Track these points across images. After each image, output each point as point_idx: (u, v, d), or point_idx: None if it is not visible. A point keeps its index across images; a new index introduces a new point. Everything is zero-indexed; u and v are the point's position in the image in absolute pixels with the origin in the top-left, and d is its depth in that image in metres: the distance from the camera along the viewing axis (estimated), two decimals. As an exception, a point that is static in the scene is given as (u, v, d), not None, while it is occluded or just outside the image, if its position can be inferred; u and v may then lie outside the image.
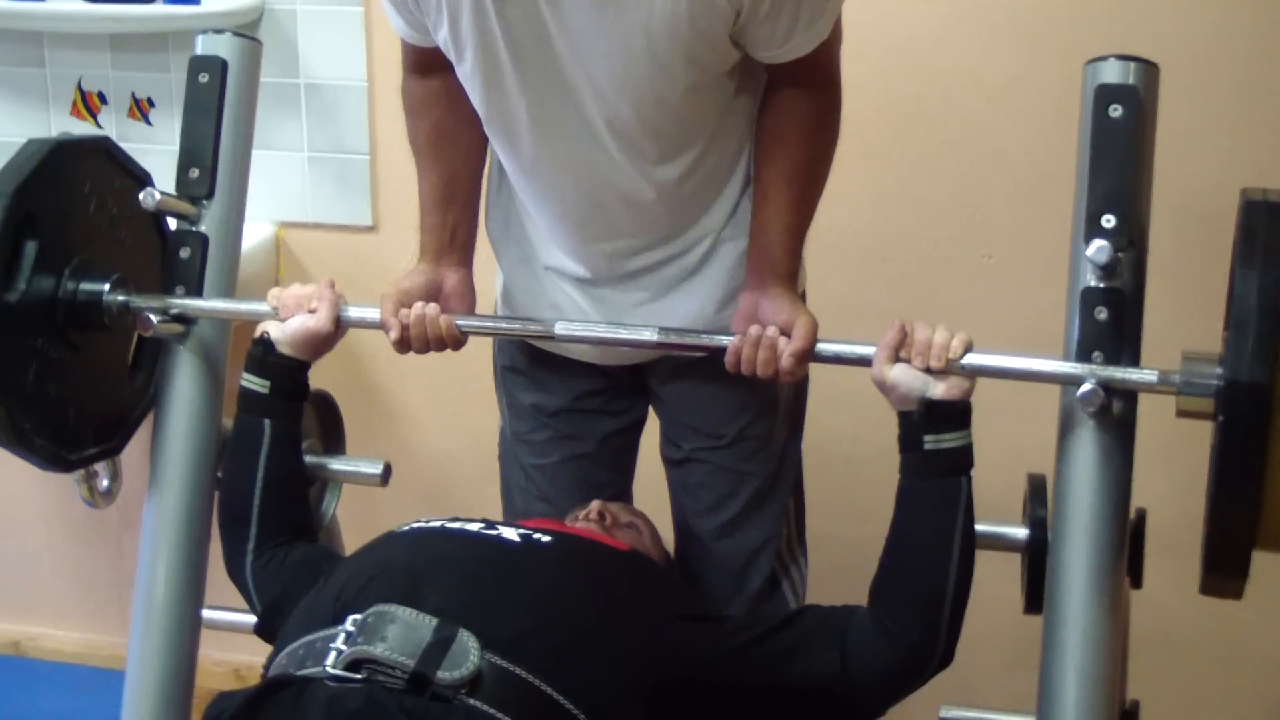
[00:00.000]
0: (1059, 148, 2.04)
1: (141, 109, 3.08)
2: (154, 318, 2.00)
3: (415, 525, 1.88)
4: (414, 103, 2.09)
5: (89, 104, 3.10)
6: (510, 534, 1.83)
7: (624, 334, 1.94)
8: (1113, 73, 1.78)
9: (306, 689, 1.52)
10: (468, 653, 1.54)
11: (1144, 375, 1.70)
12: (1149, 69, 1.79)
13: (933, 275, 2.81)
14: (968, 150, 2.73)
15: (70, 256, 1.98)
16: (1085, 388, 1.69)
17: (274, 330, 2.00)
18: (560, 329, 1.96)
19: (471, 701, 1.51)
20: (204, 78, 2.13)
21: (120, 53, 3.06)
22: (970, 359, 1.76)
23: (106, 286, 2.00)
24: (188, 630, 2.08)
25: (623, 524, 2.08)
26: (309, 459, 2.14)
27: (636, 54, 1.77)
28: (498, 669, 1.55)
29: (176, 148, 2.13)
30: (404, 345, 2.00)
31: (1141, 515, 1.82)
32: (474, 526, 1.85)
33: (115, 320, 2.01)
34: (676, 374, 2.16)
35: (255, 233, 2.99)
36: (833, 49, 1.90)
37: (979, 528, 1.82)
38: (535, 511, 2.24)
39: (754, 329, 1.87)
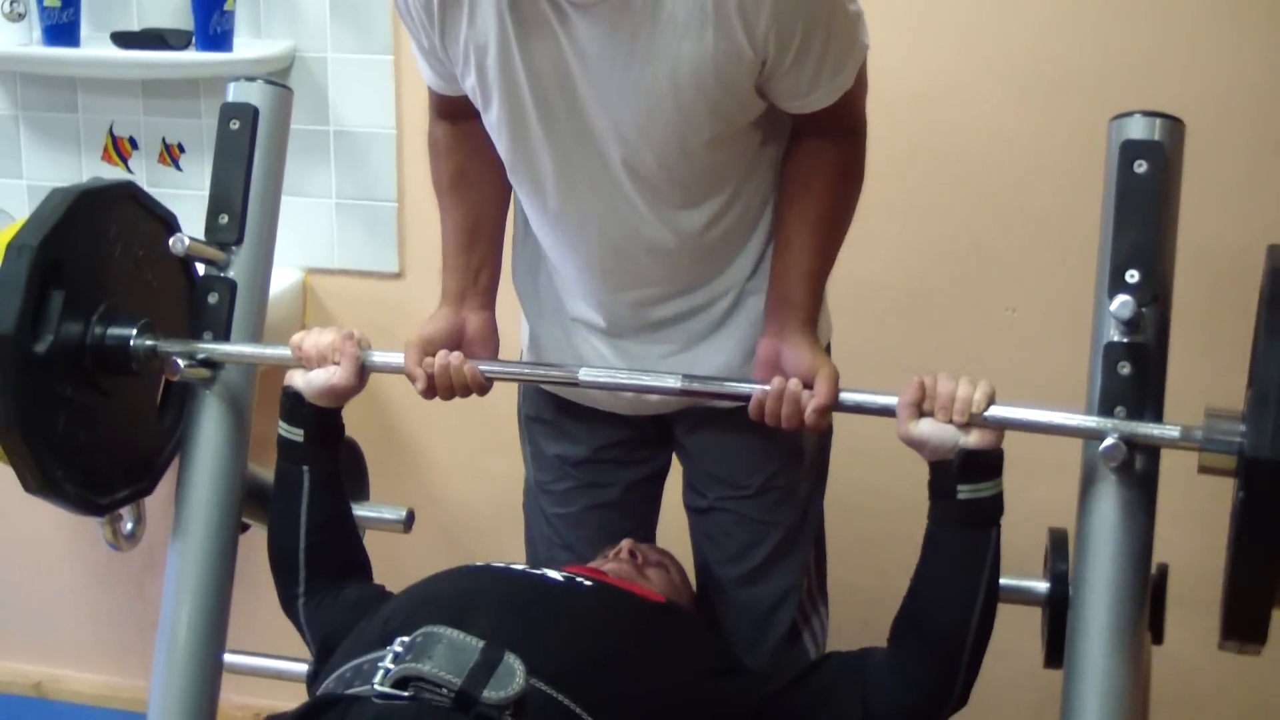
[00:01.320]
0: (1082, 201, 2.05)
1: (172, 154, 3.10)
2: (181, 362, 2.01)
3: (459, 566, 1.89)
4: (439, 145, 2.10)
5: (120, 149, 3.13)
6: (554, 574, 1.85)
7: (648, 380, 1.94)
8: (1138, 129, 1.79)
9: (353, 706, 1.53)
10: (514, 674, 1.54)
11: (1166, 431, 1.69)
12: (1174, 125, 1.79)
13: (955, 328, 2.81)
14: (991, 203, 2.73)
15: (98, 303, 1.99)
16: (1108, 443, 1.68)
17: (299, 381, 2.01)
18: (585, 375, 1.96)
19: None
20: (235, 124, 2.14)
21: (152, 99, 3.09)
22: (993, 412, 1.75)
23: (134, 331, 2.00)
24: (209, 674, 2.08)
25: (653, 563, 2.09)
26: (333, 506, 2.15)
27: (661, 103, 1.77)
28: (542, 694, 1.56)
29: (206, 193, 2.14)
30: (430, 393, 2.01)
31: (1163, 571, 1.81)
32: (518, 567, 1.87)
33: (143, 365, 2.02)
34: (701, 423, 2.16)
35: (282, 278, 3.00)
36: (858, 98, 1.90)
37: (1000, 582, 1.82)
38: (560, 560, 2.23)
39: (776, 382, 1.87)
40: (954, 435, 1.75)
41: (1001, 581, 1.82)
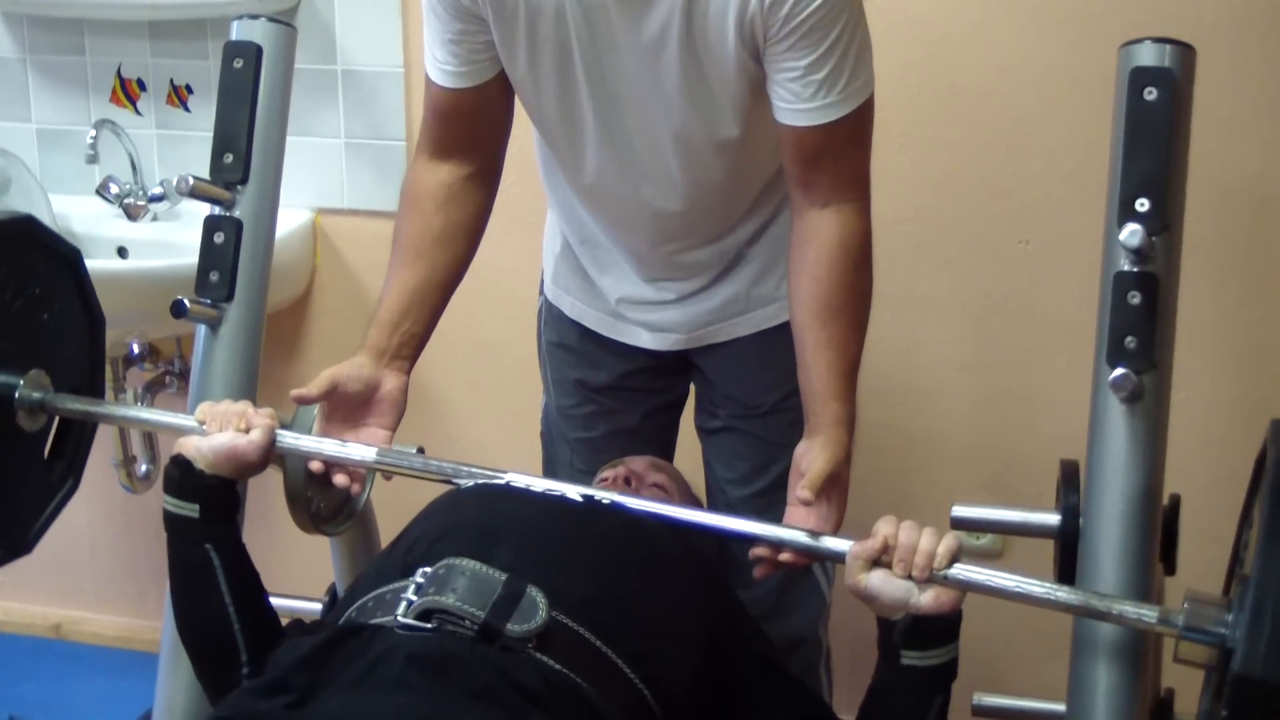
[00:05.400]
0: (1095, 133, 2.03)
1: (180, 96, 3.09)
2: (187, 302, 2.01)
3: (480, 483, 1.87)
4: (414, 193, 2.06)
5: (128, 91, 3.12)
6: (573, 495, 1.83)
7: (590, 492, 1.85)
8: (1148, 55, 1.76)
9: (377, 635, 1.53)
10: (536, 608, 1.54)
11: (1143, 612, 1.57)
12: (1185, 52, 1.77)
13: (969, 262, 2.79)
14: (1004, 136, 2.71)
15: None
16: (1117, 373, 1.68)
17: (191, 447, 1.83)
18: (512, 478, 1.84)
19: (539, 656, 1.52)
20: (238, 63, 2.14)
21: (159, 40, 3.07)
22: (955, 571, 1.61)
23: (20, 382, 1.92)
24: (221, 614, 2.09)
25: (649, 484, 2.08)
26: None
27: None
28: (564, 627, 1.57)
29: (213, 134, 2.13)
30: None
31: (1175, 502, 1.80)
32: (538, 489, 1.84)
33: (29, 419, 1.94)
34: (718, 345, 2.21)
35: (292, 219, 2.99)
36: (860, 148, 1.91)
37: (1012, 515, 1.81)
38: None
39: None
40: (906, 593, 1.61)
41: (1013, 515, 1.81)
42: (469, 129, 2.01)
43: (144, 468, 3.18)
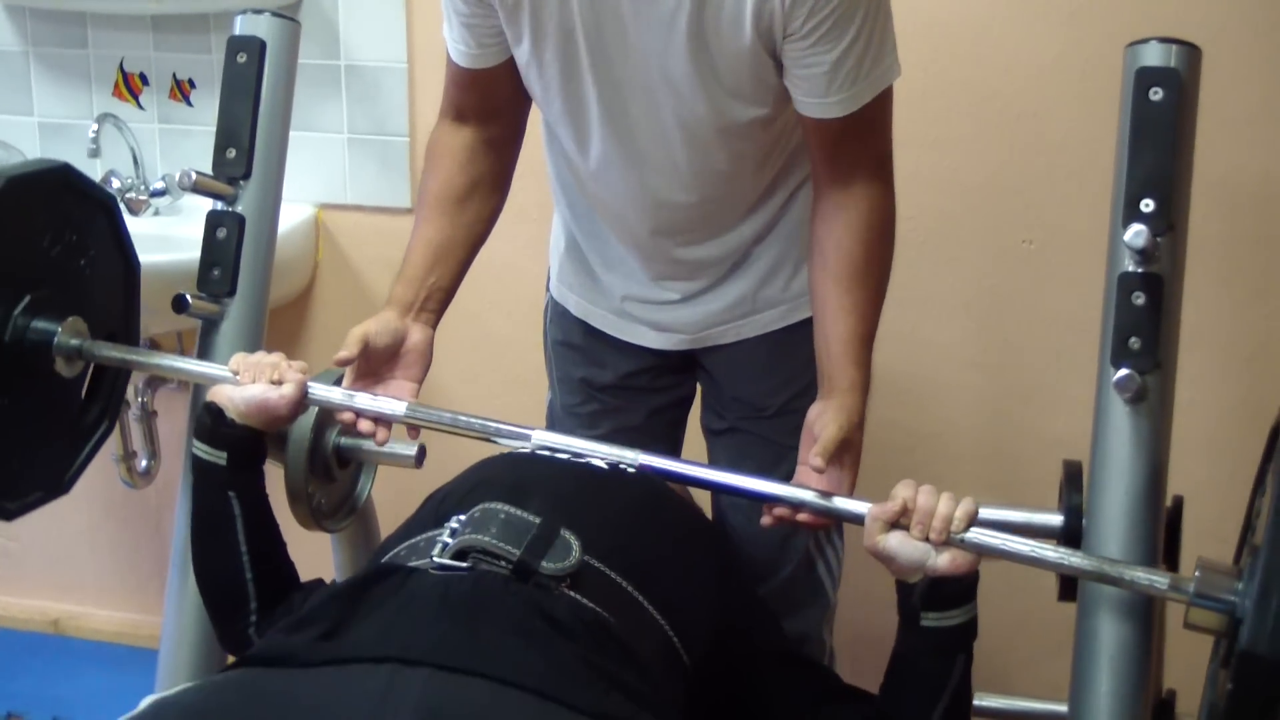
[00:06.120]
0: (1100, 132, 2.02)
1: (183, 90, 3.08)
2: (189, 297, 2.01)
3: (507, 453, 1.90)
4: (437, 150, 2.08)
5: (131, 85, 3.11)
6: (598, 462, 1.85)
7: (609, 452, 1.86)
8: (1154, 55, 1.76)
9: (412, 576, 1.53)
10: (570, 548, 1.55)
11: (1154, 578, 1.59)
12: (1191, 52, 1.77)
13: (972, 260, 2.79)
14: (1008, 135, 2.71)
15: (19, 297, 1.91)
16: (1121, 373, 1.68)
17: (224, 396, 1.88)
18: (538, 437, 1.88)
19: (572, 594, 1.52)
20: (242, 58, 2.14)
21: (162, 34, 3.07)
22: (972, 535, 1.64)
23: (59, 329, 1.94)
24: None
25: None
26: (345, 441, 2.14)
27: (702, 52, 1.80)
28: (596, 570, 1.58)
29: (217, 129, 2.13)
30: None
31: (1178, 502, 1.80)
32: (563, 456, 1.86)
33: (66, 365, 1.97)
34: (725, 346, 2.20)
35: (295, 214, 2.99)
36: (883, 132, 1.93)
37: (1014, 516, 1.81)
38: None
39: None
40: (923, 555, 1.64)
41: (1016, 516, 1.81)
42: (487, 101, 2.02)
43: (144, 463, 3.17)
